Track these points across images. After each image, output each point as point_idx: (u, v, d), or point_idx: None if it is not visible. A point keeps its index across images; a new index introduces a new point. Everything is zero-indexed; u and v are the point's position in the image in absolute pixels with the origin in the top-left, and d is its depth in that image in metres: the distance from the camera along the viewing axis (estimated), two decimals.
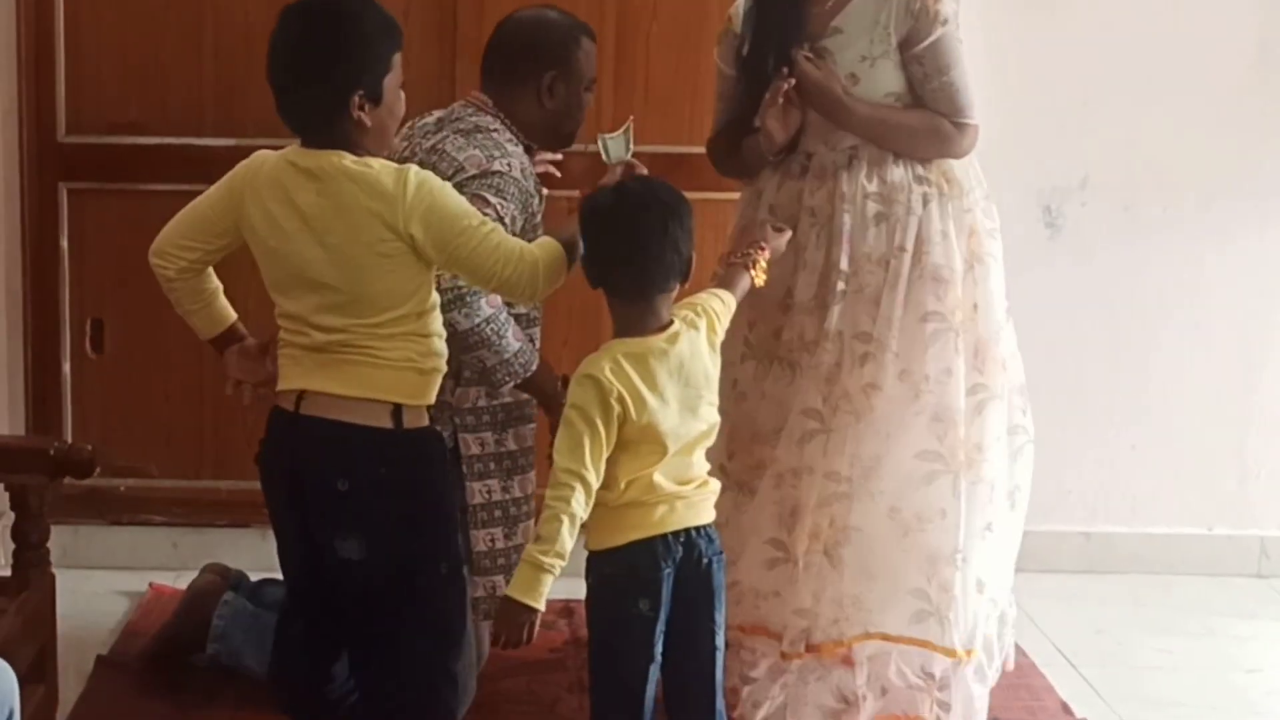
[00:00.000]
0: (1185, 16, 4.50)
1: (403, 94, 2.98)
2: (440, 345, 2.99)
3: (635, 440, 2.85)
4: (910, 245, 3.45)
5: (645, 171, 3.19)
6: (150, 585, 4.31)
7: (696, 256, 2.98)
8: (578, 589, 4.03)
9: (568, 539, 2.81)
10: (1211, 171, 4.57)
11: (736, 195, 4.36)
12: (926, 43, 3.43)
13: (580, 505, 2.80)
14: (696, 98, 4.36)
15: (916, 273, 3.45)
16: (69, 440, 4.21)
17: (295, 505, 2.97)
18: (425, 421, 3.00)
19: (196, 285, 3.08)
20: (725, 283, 3.14)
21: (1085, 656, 4.12)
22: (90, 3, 4.27)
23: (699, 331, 2.94)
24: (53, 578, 3.47)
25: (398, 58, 2.93)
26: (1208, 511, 4.75)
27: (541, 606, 2.84)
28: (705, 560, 2.94)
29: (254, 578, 3.95)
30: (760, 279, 3.16)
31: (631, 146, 3.23)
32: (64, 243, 4.38)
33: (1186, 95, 4.53)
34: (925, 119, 3.49)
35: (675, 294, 2.94)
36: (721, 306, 3.03)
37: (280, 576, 3.15)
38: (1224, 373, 4.69)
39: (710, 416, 2.94)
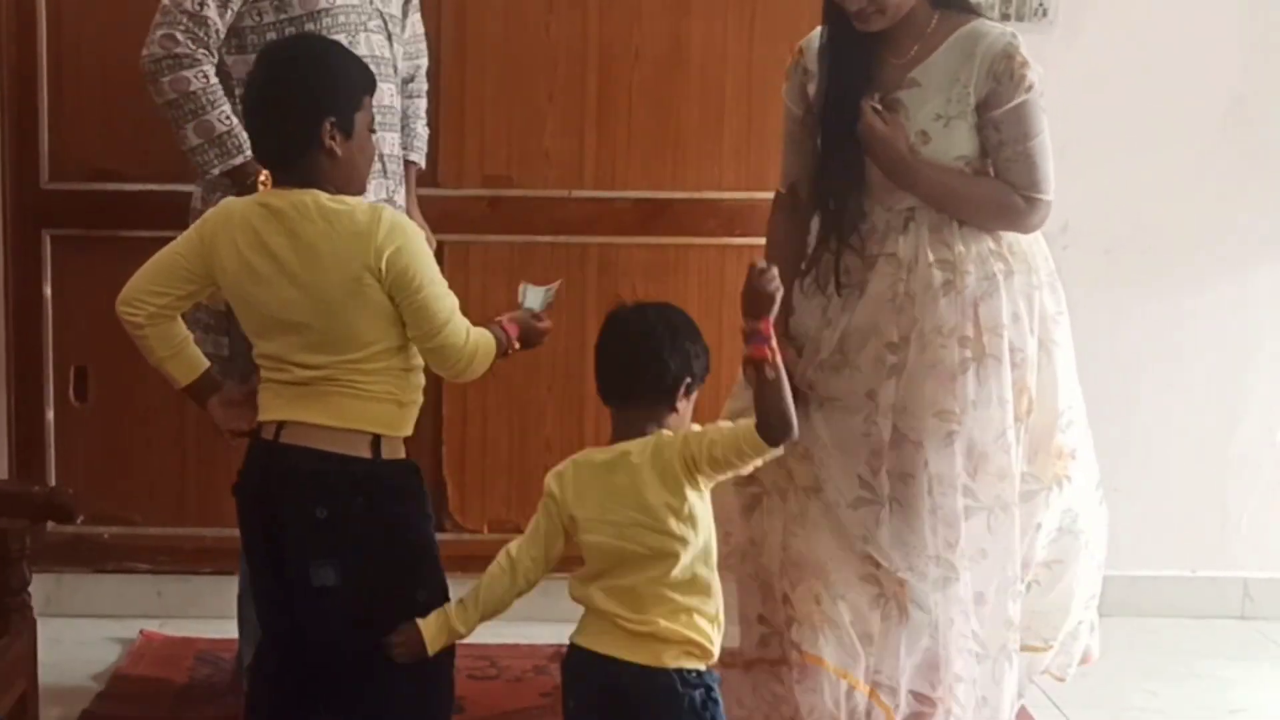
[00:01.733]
0: (1163, 68, 4.54)
1: (371, 141, 3.02)
2: (419, 378, 3.03)
3: (582, 544, 2.90)
4: (988, 322, 3.27)
5: (547, 326, 3.22)
6: (141, 632, 4.30)
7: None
8: (567, 633, 4.04)
9: (472, 612, 2.94)
10: (1190, 219, 4.61)
11: (719, 240, 4.42)
12: (1007, 107, 3.24)
13: (496, 580, 2.93)
14: (678, 145, 4.40)
15: (992, 353, 3.28)
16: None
17: (271, 533, 2.99)
18: (402, 453, 3.02)
19: (167, 331, 3.08)
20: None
21: (1071, 699, 4.12)
22: (73, 49, 4.28)
23: (661, 458, 2.85)
24: (34, 624, 3.44)
25: (368, 100, 2.99)
26: (1191, 554, 4.76)
27: (431, 652, 2.93)
28: (637, 704, 2.88)
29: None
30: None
31: (548, 303, 3.22)
32: (47, 290, 4.38)
33: (1165, 144, 4.57)
34: (995, 190, 3.29)
35: (665, 410, 2.88)
36: (721, 447, 2.84)
37: None
38: (1204, 417, 4.71)
39: (656, 544, 2.84)
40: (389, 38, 3.75)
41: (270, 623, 3.10)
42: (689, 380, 2.88)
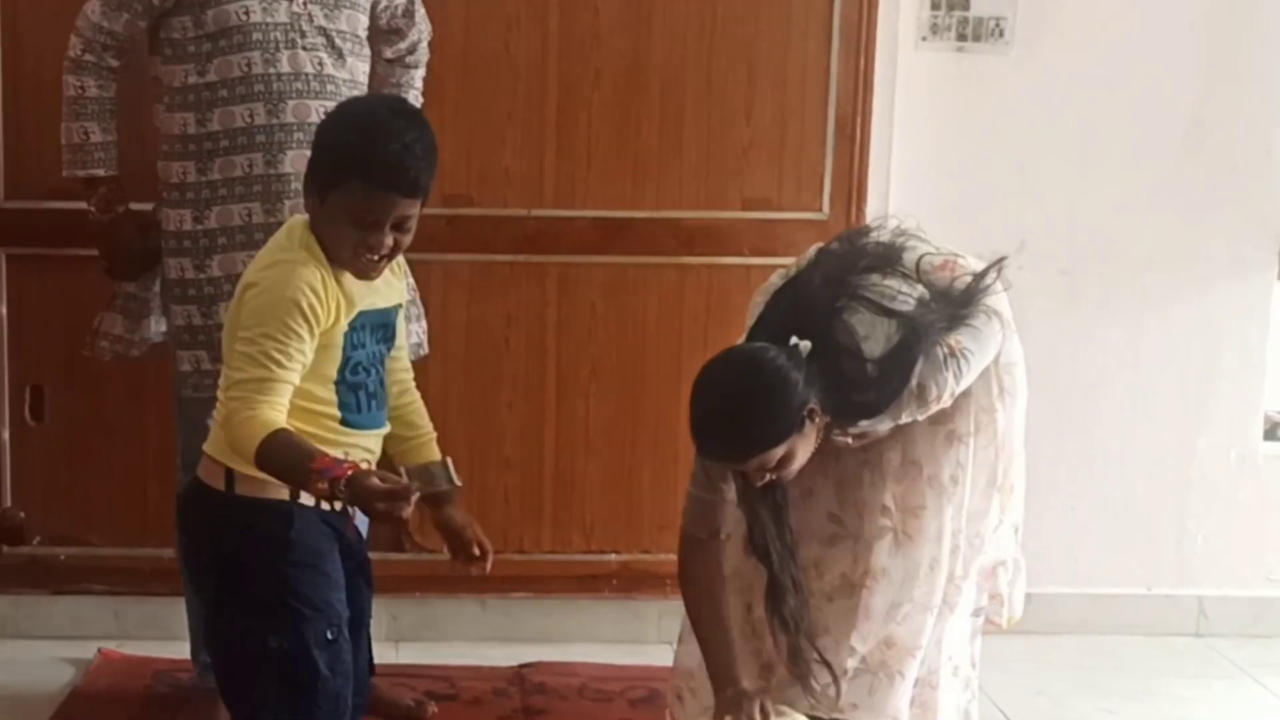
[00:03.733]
0: (1120, 89, 4.56)
1: (355, 231, 2.87)
2: (326, 423, 2.93)
3: None
4: (966, 406, 3.18)
5: (388, 504, 2.73)
6: (99, 651, 4.26)
7: (641, 324, 3.01)
8: (528, 654, 4.05)
9: None
10: (1147, 240, 4.63)
11: (679, 259, 4.43)
12: (946, 405, 3.10)
13: None
14: (638, 164, 4.40)
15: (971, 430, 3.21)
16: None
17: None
18: (275, 493, 2.89)
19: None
20: None
21: (1027, 718, 4.13)
22: (31, 66, 4.24)
23: None
24: None
25: (356, 185, 2.85)
26: (1147, 572, 4.78)
27: None
28: None
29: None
30: None
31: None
32: (3, 309, 4.34)
33: (1122, 165, 4.59)
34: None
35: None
36: None
37: None
38: (1162, 436, 4.73)
39: None
40: (341, 55, 3.75)
41: None
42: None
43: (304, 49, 3.70)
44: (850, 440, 3.13)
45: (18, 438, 4.38)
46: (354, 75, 3.78)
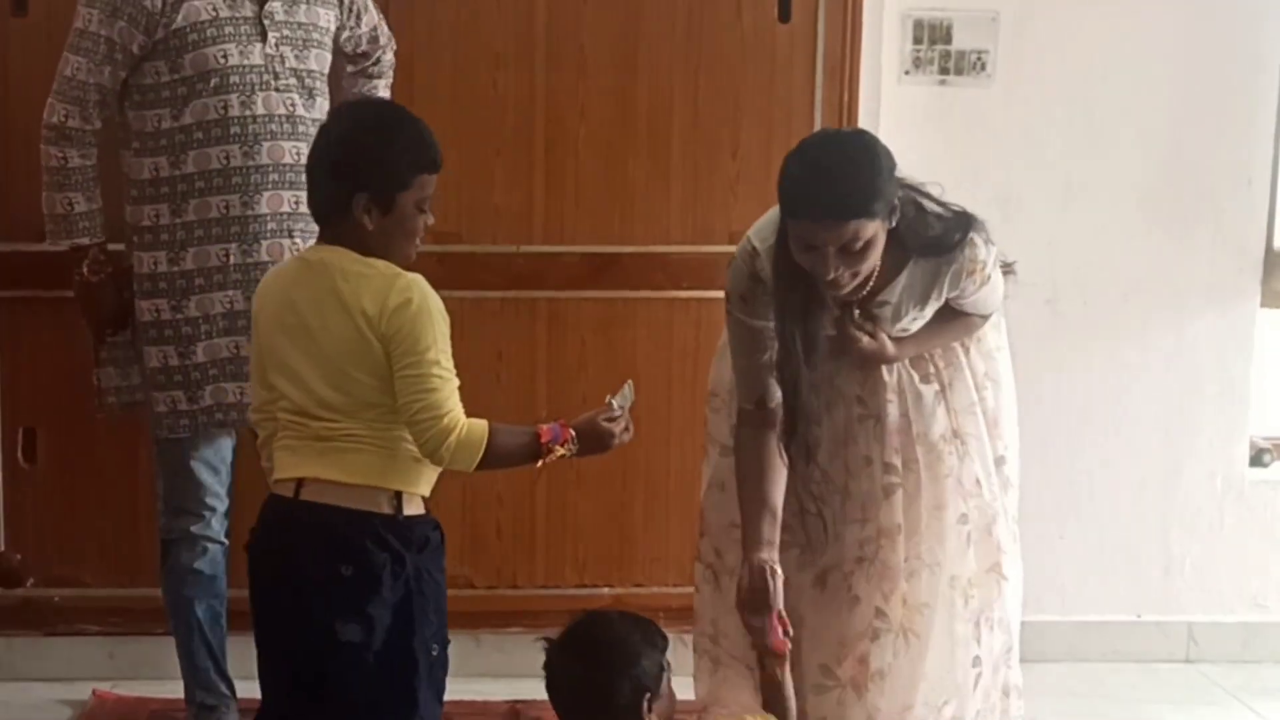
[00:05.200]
0: (1101, 120, 4.61)
1: (426, 216, 3.06)
2: None
3: None
4: (964, 400, 3.41)
5: (617, 428, 3.13)
6: (94, 692, 4.27)
7: (631, 358, 3.03)
8: (523, 689, 4.06)
9: None
10: (1130, 268, 4.67)
11: (668, 293, 4.45)
12: (971, 296, 3.34)
13: None
14: (626, 199, 4.43)
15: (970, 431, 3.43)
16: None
17: (288, 589, 3.00)
18: (423, 508, 3.06)
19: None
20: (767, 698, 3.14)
21: None
22: (19, 109, 4.25)
23: None
24: None
25: (424, 179, 3.02)
26: (1136, 600, 4.81)
27: None
28: None
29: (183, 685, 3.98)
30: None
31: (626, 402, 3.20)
32: None
33: (1105, 195, 4.63)
34: (960, 324, 3.42)
35: None
36: None
37: None
38: (1147, 463, 4.77)
39: None
40: (310, 95, 3.79)
41: (277, 679, 3.10)
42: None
43: (277, 90, 3.74)
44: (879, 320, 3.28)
45: (11, 480, 4.39)
46: (322, 115, 3.82)
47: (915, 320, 3.33)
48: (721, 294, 3.43)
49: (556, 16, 4.37)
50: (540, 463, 3.07)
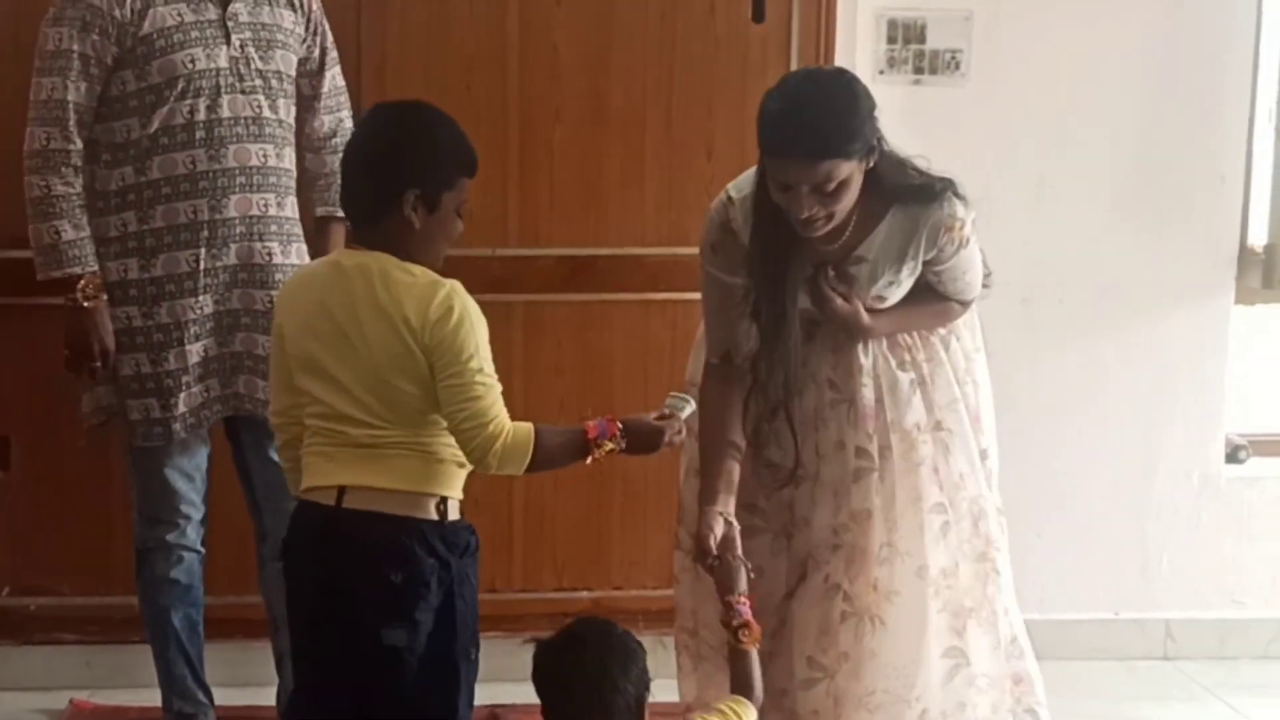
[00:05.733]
0: (1075, 119, 4.62)
1: (461, 222, 3.06)
2: None
3: None
4: (946, 396, 3.40)
5: (668, 429, 3.13)
6: (71, 701, 4.26)
7: (608, 360, 3.03)
8: (502, 693, 4.06)
9: None
10: (1104, 267, 4.68)
11: (643, 295, 4.45)
12: (949, 263, 3.33)
13: None
14: (601, 202, 4.43)
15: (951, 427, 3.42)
16: None
17: (332, 597, 2.98)
18: (459, 513, 3.06)
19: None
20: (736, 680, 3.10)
21: None
22: None
23: None
24: None
25: (465, 182, 3.04)
26: (1113, 598, 4.82)
27: None
28: None
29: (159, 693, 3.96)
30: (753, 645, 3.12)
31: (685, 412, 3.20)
32: None
33: (1079, 194, 4.65)
34: (938, 307, 3.42)
35: None
36: None
37: None
38: (1123, 461, 4.78)
39: None
40: (275, 96, 3.77)
41: (319, 686, 3.07)
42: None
43: (243, 93, 3.72)
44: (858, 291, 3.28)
45: None
46: (287, 118, 3.83)
47: (891, 286, 3.32)
48: (699, 295, 3.45)
49: (529, 19, 4.36)
50: (590, 459, 3.06)
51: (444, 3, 4.34)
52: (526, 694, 4.29)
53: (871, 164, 3.16)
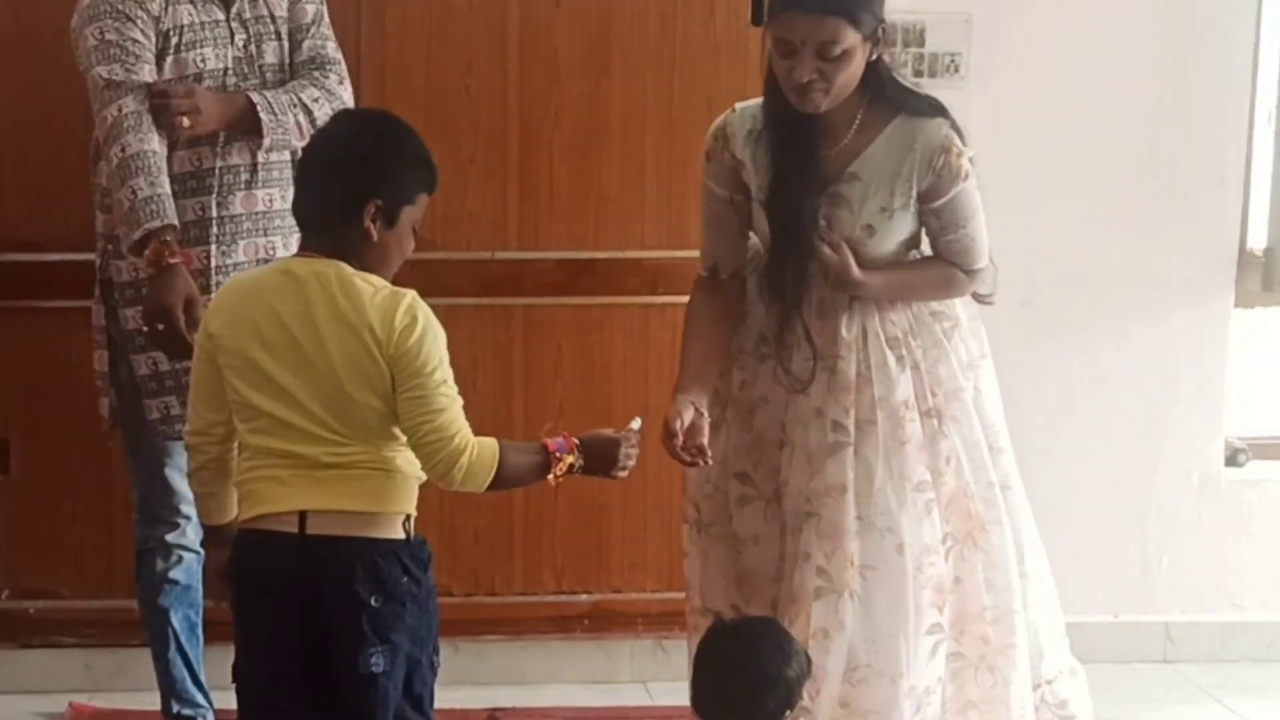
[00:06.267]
0: (1076, 119, 4.61)
1: (414, 239, 3.01)
2: None
3: None
4: (949, 386, 3.40)
5: (624, 448, 3.08)
6: (70, 704, 4.26)
7: (607, 363, 3.03)
8: (501, 696, 4.05)
9: None
10: (1106, 268, 4.68)
11: (643, 299, 4.45)
12: (947, 198, 3.32)
13: None
14: (601, 204, 4.43)
15: (953, 415, 3.42)
16: None
17: (299, 628, 2.90)
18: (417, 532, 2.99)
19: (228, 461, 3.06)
20: None
21: None
22: None
23: None
24: None
25: (424, 198, 2.98)
26: (1113, 600, 4.82)
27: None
28: None
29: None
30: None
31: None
32: None
33: (1080, 194, 4.64)
34: (939, 274, 3.41)
35: None
36: None
37: None
38: (1123, 463, 4.78)
39: None
40: (274, 88, 3.75)
41: (277, 714, 2.98)
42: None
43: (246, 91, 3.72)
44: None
45: None
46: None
47: (883, 215, 3.31)
48: None
49: (528, 21, 4.36)
50: (551, 477, 3.00)
51: (443, 4, 4.34)
52: (526, 696, 4.33)
53: (874, 56, 3.22)
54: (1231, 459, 4.86)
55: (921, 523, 3.36)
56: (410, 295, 2.92)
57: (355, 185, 2.90)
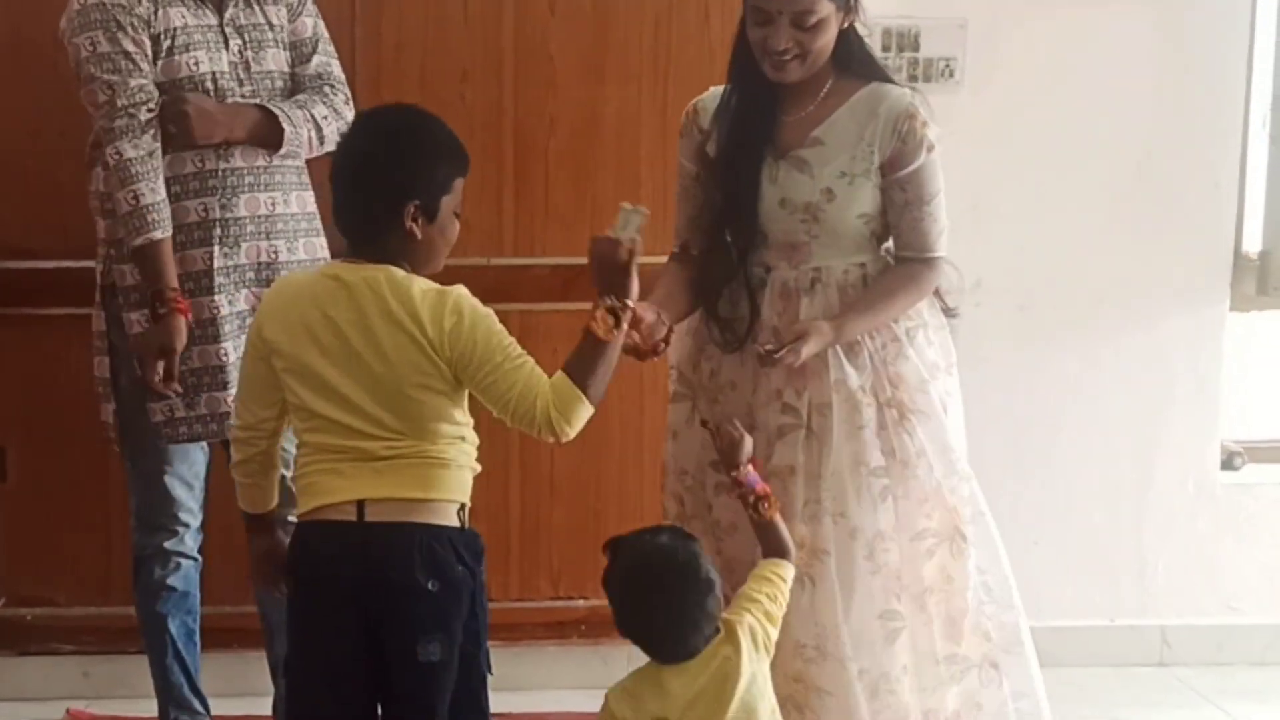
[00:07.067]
0: (1071, 124, 4.63)
1: (457, 221, 3.04)
2: (476, 439, 3.06)
3: None
4: (912, 379, 3.37)
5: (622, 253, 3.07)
6: (68, 711, 4.27)
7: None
8: (498, 702, 4.05)
9: None
10: (1101, 273, 4.69)
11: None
12: (911, 169, 3.32)
13: None
14: (595, 210, 4.42)
15: (918, 408, 3.39)
16: None
17: (359, 616, 2.95)
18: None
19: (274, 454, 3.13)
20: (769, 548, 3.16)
21: None
22: None
23: (738, 665, 2.97)
24: None
25: (459, 183, 3.01)
26: (1109, 604, 4.83)
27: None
28: None
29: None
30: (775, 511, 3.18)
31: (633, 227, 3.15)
32: None
33: (1075, 199, 4.65)
34: (900, 273, 3.38)
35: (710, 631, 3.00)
36: (767, 613, 3.06)
37: None
38: (1120, 469, 4.79)
39: None
40: (274, 96, 3.77)
41: (336, 704, 3.01)
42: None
43: (243, 96, 3.74)
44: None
45: None
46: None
47: (843, 180, 3.30)
48: None
49: (524, 28, 4.38)
50: (608, 334, 3.00)
51: (439, 12, 4.36)
52: (522, 702, 4.33)
53: (847, 24, 3.27)
54: (1227, 463, 4.88)
55: (876, 509, 3.35)
56: (454, 293, 2.97)
57: (391, 192, 2.95)
